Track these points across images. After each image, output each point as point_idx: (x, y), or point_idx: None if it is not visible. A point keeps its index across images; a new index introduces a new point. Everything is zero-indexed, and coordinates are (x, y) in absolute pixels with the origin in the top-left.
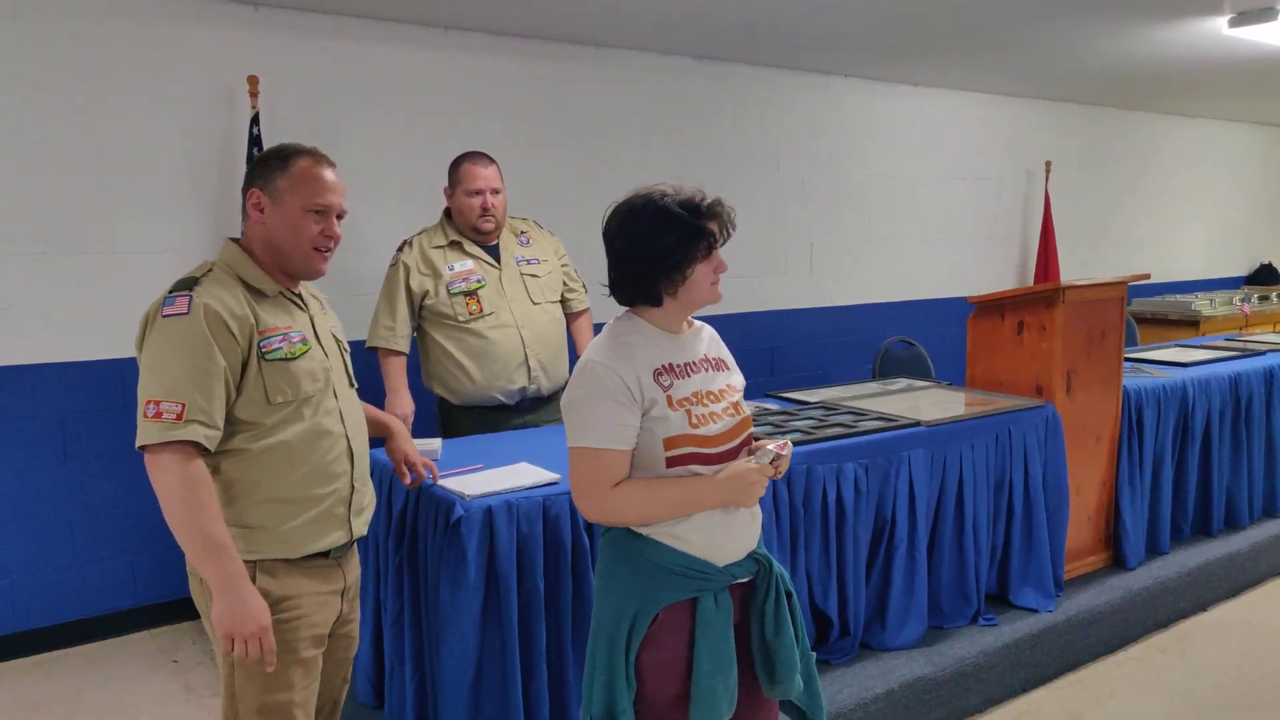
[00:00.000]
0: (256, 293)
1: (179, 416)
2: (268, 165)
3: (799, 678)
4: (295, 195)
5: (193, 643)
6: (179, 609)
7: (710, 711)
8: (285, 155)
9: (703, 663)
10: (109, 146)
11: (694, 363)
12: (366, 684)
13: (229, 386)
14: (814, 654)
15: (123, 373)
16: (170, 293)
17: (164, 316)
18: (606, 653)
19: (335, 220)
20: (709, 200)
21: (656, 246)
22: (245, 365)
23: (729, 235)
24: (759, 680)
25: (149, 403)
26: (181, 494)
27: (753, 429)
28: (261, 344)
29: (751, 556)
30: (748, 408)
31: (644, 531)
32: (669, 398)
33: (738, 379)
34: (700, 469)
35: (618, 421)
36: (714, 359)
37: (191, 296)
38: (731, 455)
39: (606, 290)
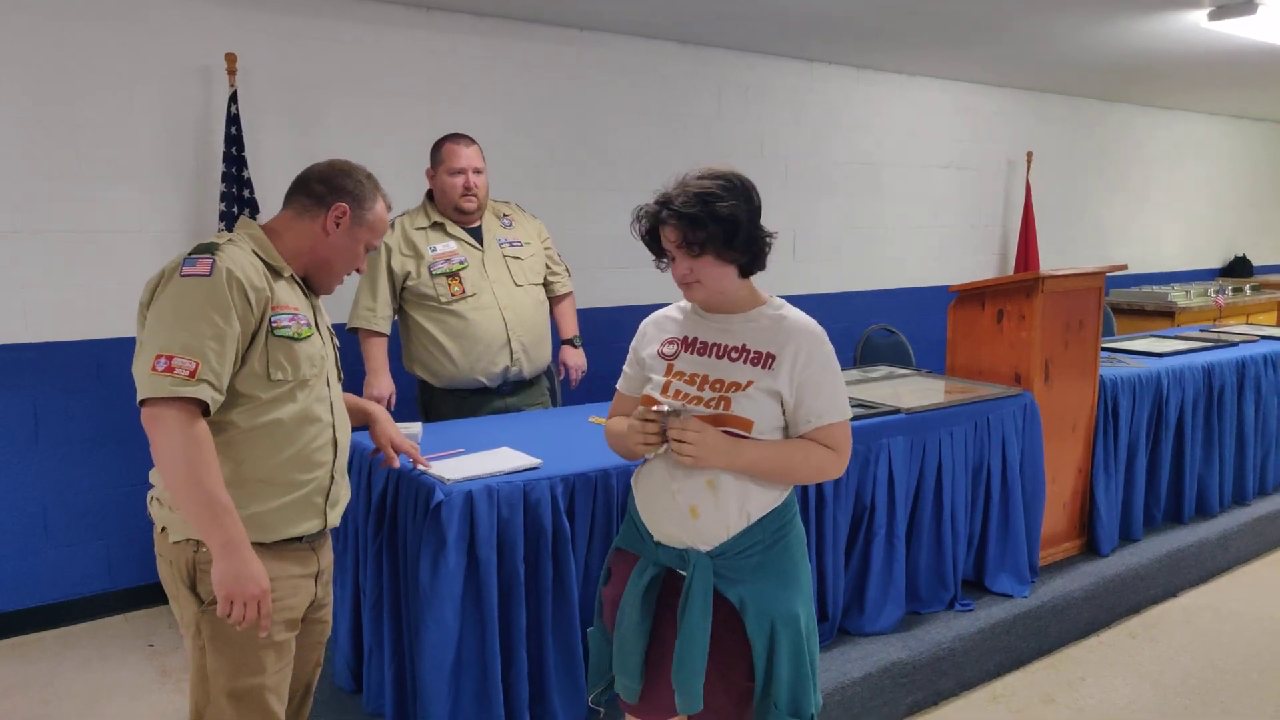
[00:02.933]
0: (272, 270)
1: (192, 374)
2: (365, 193)
3: (698, 694)
4: (370, 232)
5: (168, 626)
6: (154, 592)
7: (619, 671)
8: (376, 194)
9: (619, 620)
10: (83, 125)
11: (714, 345)
12: (345, 668)
13: (237, 355)
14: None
15: (97, 354)
16: (190, 254)
17: (183, 276)
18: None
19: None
20: (655, 200)
21: None
22: (254, 337)
23: (675, 213)
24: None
25: (160, 356)
26: (184, 453)
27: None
28: (273, 319)
29: (685, 552)
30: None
31: (634, 480)
32: (670, 365)
33: (756, 375)
34: None
35: (628, 370)
36: (743, 349)
37: (214, 260)
38: None
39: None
